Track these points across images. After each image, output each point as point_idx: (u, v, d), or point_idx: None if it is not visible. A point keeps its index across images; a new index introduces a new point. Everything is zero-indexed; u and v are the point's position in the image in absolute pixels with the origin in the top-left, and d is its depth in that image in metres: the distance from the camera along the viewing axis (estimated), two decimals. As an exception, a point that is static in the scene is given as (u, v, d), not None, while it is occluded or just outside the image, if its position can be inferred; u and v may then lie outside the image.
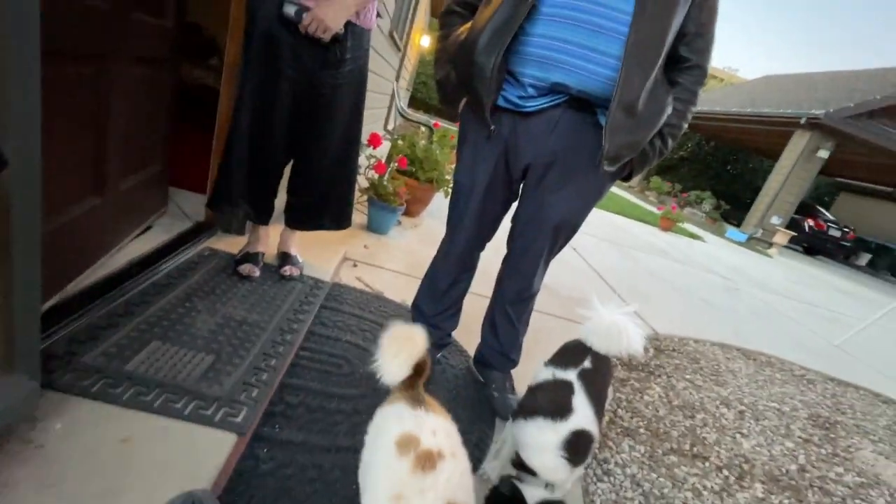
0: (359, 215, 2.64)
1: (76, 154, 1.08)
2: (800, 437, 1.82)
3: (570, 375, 0.99)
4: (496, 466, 1.10)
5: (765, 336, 3.13)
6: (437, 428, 0.69)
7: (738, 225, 10.84)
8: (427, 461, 0.62)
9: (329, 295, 1.66)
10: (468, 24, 1.06)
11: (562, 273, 2.93)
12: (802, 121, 9.45)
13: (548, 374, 1.02)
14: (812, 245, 11.84)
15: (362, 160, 2.44)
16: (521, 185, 1.19)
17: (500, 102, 1.06)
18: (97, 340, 1.00)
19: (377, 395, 1.25)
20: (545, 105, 1.03)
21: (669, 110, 1.00)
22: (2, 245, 0.68)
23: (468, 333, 1.59)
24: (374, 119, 5.17)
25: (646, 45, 0.91)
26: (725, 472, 1.44)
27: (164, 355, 1.04)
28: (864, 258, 12.99)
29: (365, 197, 2.54)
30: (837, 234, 11.83)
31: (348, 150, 1.55)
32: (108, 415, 0.85)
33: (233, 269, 1.49)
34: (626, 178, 1.14)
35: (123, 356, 0.99)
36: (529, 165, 1.11)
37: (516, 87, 1.04)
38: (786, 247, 10.13)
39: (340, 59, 1.37)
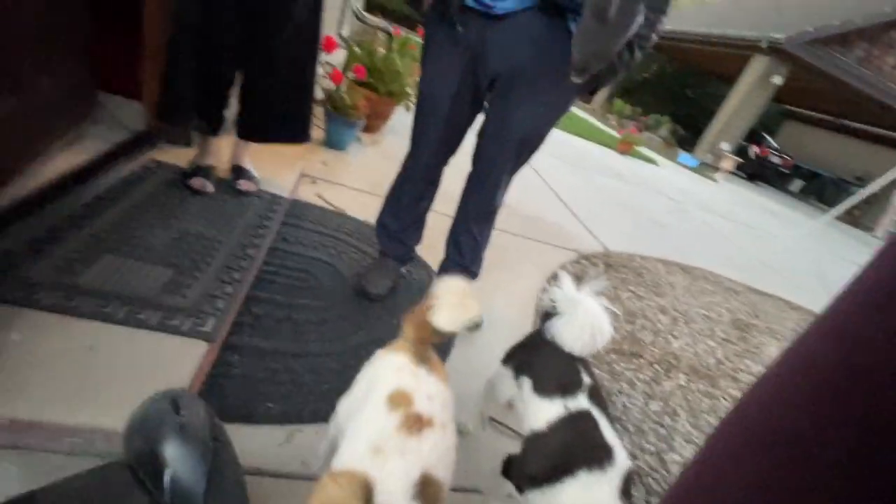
0: (316, 130, 2.50)
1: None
2: (720, 338, 2.08)
3: (583, 401, 0.79)
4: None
5: (703, 253, 3.41)
6: (434, 394, 0.65)
7: (691, 150, 11.20)
8: (415, 424, 0.59)
9: (289, 212, 1.62)
10: None
11: (521, 192, 2.97)
12: (764, 44, 9.47)
13: (557, 408, 0.79)
14: (754, 172, 12.54)
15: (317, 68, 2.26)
16: (488, 99, 1.16)
17: (469, 2, 0.99)
18: (41, 254, 0.95)
19: (344, 305, 1.30)
20: (515, 7, 0.97)
21: (640, 19, 0.97)
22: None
23: (431, 250, 1.63)
24: (325, 21, 4.69)
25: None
26: (656, 367, 1.65)
27: (119, 269, 1.01)
28: (798, 184, 13.96)
29: (321, 109, 2.38)
30: (777, 160, 12.55)
31: (306, 52, 1.42)
32: (68, 326, 0.83)
33: (182, 184, 1.40)
34: (592, 92, 1.13)
35: (74, 270, 0.95)
36: (497, 76, 1.07)
37: (486, -14, 0.97)
38: (731, 173, 10.67)
39: None
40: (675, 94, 16.93)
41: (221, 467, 0.63)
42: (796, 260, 4.40)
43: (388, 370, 0.70)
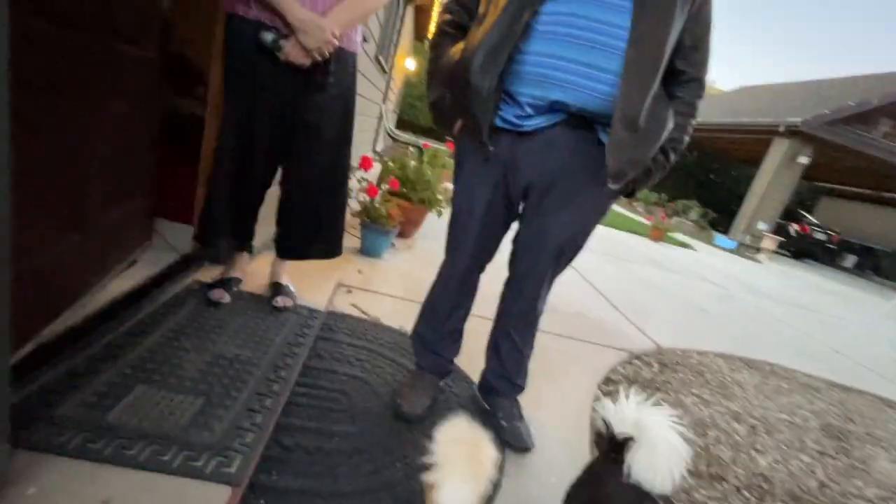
0: (352, 239, 2.59)
1: (53, 190, 1.02)
2: (815, 450, 1.77)
3: None
4: None
5: (763, 343, 3.11)
6: None
7: (725, 232, 10.98)
8: None
9: (324, 325, 1.60)
10: (461, 45, 1.04)
11: (559, 288, 2.89)
12: (781, 128, 9.70)
13: None
14: (799, 249, 12.05)
15: (354, 184, 2.41)
16: (522, 206, 1.15)
17: (498, 123, 1.03)
18: (76, 390, 0.93)
19: (379, 430, 1.19)
20: (544, 124, 1.00)
21: (671, 125, 0.98)
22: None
23: (469, 359, 1.53)
24: (362, 141, 5.17)
25: (644, 59, 0.90)
26: (746, 494, 1.38)
27: (149, 401, 0.97)
28: (850, 259, 13.22)
29: (358, 221, 2.49)
30: (822, 237, 12.07)
31: (337, 177, 1.51)
32: (86, 474, 0.77)
33: (203, 297, 1.42)
34: (630, 195, 1.11)
35: (104, 405, 0.91)
36: (530, 186, 1.08)
37: (514, 107, 1.01)
38: (774, 252, 10.26)
39: (323, 83, 1.34)
40: (699, 180, 17.18)
41: None
42: (876, 346, 3.94)
43: None
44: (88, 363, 1.02)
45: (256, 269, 1.70)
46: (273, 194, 1.55)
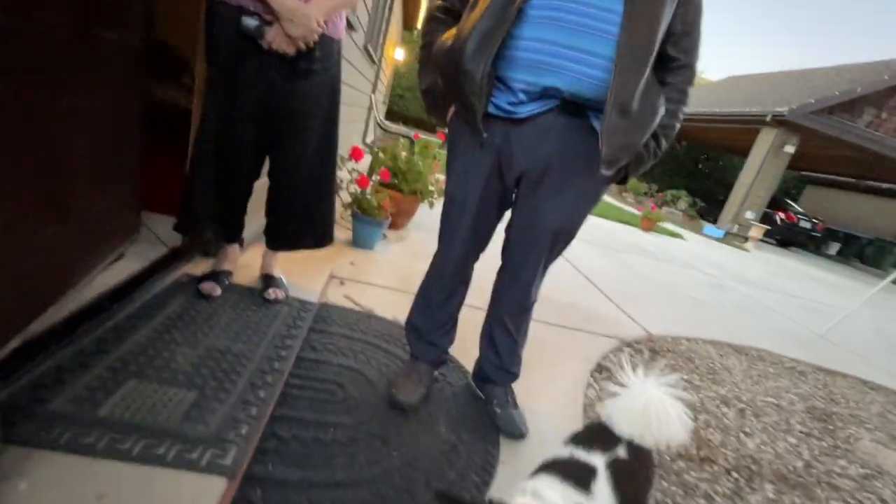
0: (344, 231, 2.57)
1: (30, 180, 0.99)
2: (801, 432, 1.81)
3: (597, 461, 0.76)
4: None
5: (752, 330, 3.16)
6: None
7: (714, 221, 11.12)
8: None
9: (317, 316, 1.59)
10: (452, 31, 1.03)
11: (551, 278, 2.91)
12: (768, 118, 9.79)
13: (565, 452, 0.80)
14: (785, 237, 12.25)
15: (345, 174, 2.38)
16: (515, 194, 1.15)
17: (491, 109, 1.02)
18: (64, 384, 0.92)
19: (375, 419, 1.19)
20: (537, 111, 0.99)
21: (662, 111, 0.98)
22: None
23: (464, 348, 1.54)
24: (353, 132, 5.12)
25: (637, 44, 0.89)
26: (735, 475, 1.41)
27: (141, 395, 0.96)
28: (834, 247, 13.49)
29: (349, 212, 2.47)
30: (808, 225, 12.29)
31: (325, 165, 1.49)
32: (80, 469, 0.76)
33: (194, 290, 1.41)
34: (622, 182, 1.11)
35: (95, 400, 0.90)
36: (523, 173, 1.07)
37: (506, 93, 1.01)
38: (761, 240, 10.42)
39: (308, 70, 1.31)
40: (687, 170, 17.33)
41: None
42: (859, 331, 4.03)
43: None
44: (77, 358, 1.00)
45: (247, 261, 1.68)
46: (263, 185, 1.52)
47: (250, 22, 1.20)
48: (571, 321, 2.31)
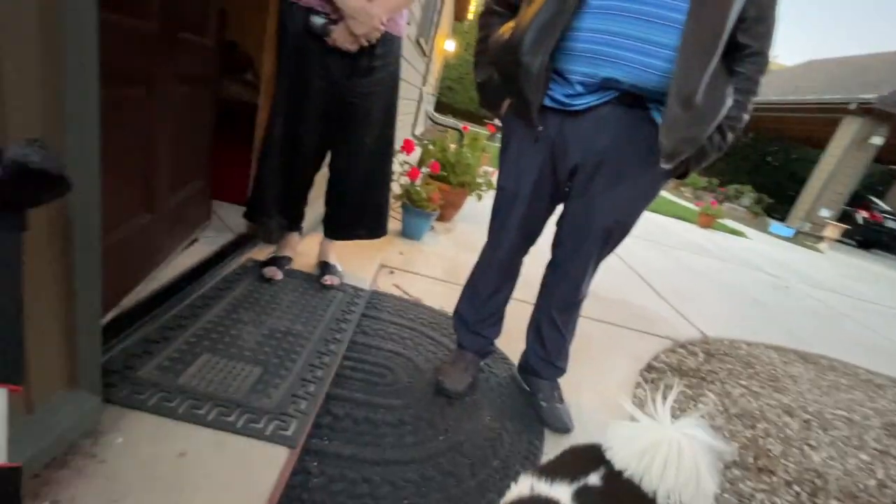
0: (393, 222, 2.64)
1: (129, 173, 1.11)
2: (875, 449, 1.67)
3: (562, 493, 0.63)
4: None
5: (822, 337, 2.93)
6: None
7: (782, 219, 10.29)
8: None
9: (369, 303, 1.66)
10: (510, 24, 1.03)
11: (601, 274, 2.84)
12: (852, 106, 8.88)
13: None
14: (867, 238, 11.09)
15: (396, 167, 2.44)
16: (569, 187, 1.14)
17: (546, 102, 1.02)
18: (151, 354, 1.02)
19: (422, 404, 1.23)
20: (594, 102, 0.98)
21: (730, 102, 0.94)
22: (66, 265, 0.70)
23: (510, 340, 1.55)
24: (403, 124, 5.21)
25: (705, 32, 0.85)
26: (796, 488, 1.33)
27: (213, 368, 1.05)
28: (926, 250, 12.07)
29: (399, 203, 2.53)
30: (895, 225, 11.06)
31: (382, 159, 1.54)
32: (165, 429, 0.86)
33: (258, 274, 1.51)
34: (682, 176, 1.07)
35: (176, 370, 1.00)
36: (578, 166, 1.06)
37: (563, 86, 1.00)
38: (838, 241, 9.52)
39: (370, 67, 1.36)
40: (754, 163, 16.08)
41: None
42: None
43: None
44: (160, 331, 1.11)
45: (306, 248, 1.78)
46: (322, 176, 1.60)
47: (318, 20, 1.26)
48: (621, 319, 2.25)
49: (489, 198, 1.25)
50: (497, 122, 1.18)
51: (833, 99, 9.48)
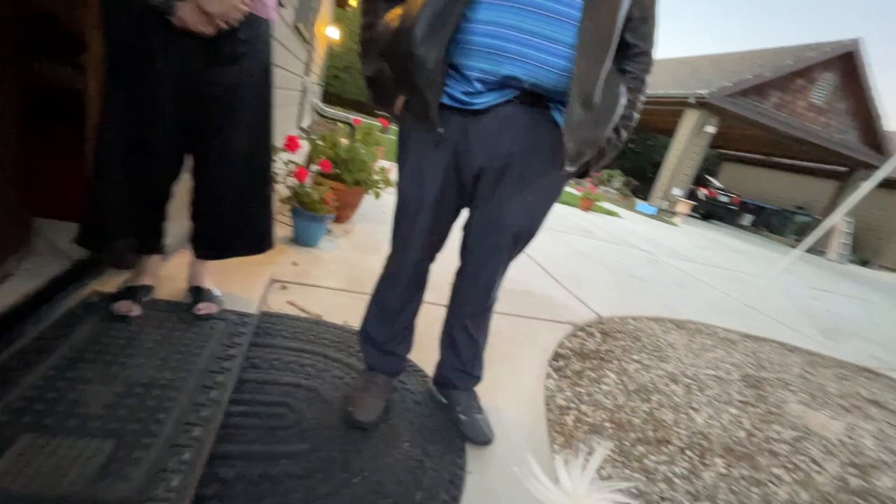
0: (283, 228, 2.38)
1: None
2: (739, 401, 1.94)
3: None
4: None
5: (688, 303, 3.37)
6: None
7: (645, 199, 11.82)
8: None
9: (258, 329, 1.44)
10: (398, 10, 0.91)
11: (503, 266, 2.90)
12: (691, 100, 10.45)
13: None
14: (707, 211, 13.41)
15: (280, 167, 2.18)
16: (473, 191, 1.07)
17: (444, 100, 0.93)
18: (-69, 453, 0.73)
19: (332, 443, 1.09)
20: (495, 101, 0.91)
21: (623, 101, 0.94)
22: None
23: (422, 349, 1.47)
24: (285, 118, 4.78)
25: (601, 30, 0.83)
26: (689, 453, 1.47)
27: (40, 453, 0.79)
28: (747, 219, 14.91)
29: (288, 207, 2.28)
30: (726, 199, 13.50)
31: (258, 160, 1.33)
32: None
33: (106, 312, 1.21)
34: (582, 176, 1.07)
35: (-24, 468, 0.73)
36: (483, 170, 0.99)
37: (461, 82, 0.91)
38: (688, 215, 11.25)
39: (233, 53, 1.14)
40: (620, 150, 18.20)
41: None
42: (777, 298, 4.44)
43: None
44: (-51, 414, 0.80)
45: (172, 272, 1.48)
46: (187, 185, 1.33)
47: None
48: (527, 309, 2.31)
49: (388, 194, 1.13)
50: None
51: (676, 94, 11.05)
